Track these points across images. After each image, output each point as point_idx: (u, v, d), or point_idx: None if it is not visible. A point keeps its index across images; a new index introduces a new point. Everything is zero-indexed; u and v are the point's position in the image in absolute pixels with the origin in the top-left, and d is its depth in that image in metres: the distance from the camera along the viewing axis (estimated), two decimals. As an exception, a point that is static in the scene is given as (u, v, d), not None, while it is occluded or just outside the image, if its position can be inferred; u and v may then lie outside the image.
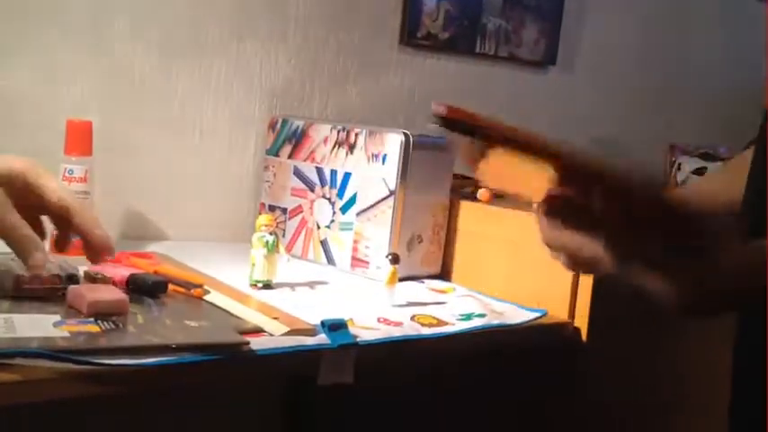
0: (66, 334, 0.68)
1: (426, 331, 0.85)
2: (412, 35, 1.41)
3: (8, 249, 0.88)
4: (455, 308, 0.96)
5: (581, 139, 1.57)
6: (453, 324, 0.89)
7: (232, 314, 0.82)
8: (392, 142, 1.06)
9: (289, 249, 1.13)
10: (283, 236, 1.17)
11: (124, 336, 0.70)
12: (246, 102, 1.26)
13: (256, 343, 0.73)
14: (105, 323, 0.72)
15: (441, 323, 0.89)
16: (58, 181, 0.69)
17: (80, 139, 0.96)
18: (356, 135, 1.10)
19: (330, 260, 1.13)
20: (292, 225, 1.18)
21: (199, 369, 0.68)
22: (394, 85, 1.41)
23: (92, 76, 1.12)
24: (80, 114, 0.99)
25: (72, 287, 0.78)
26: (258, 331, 0.77)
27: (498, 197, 1.18)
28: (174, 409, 1.16)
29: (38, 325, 0.70)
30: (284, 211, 1.19)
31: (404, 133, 1.06)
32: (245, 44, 1.24)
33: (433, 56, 1.45)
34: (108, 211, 1.10)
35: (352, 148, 1.10)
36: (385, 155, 1.07)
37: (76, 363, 0.62)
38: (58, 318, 0.72)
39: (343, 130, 1.12)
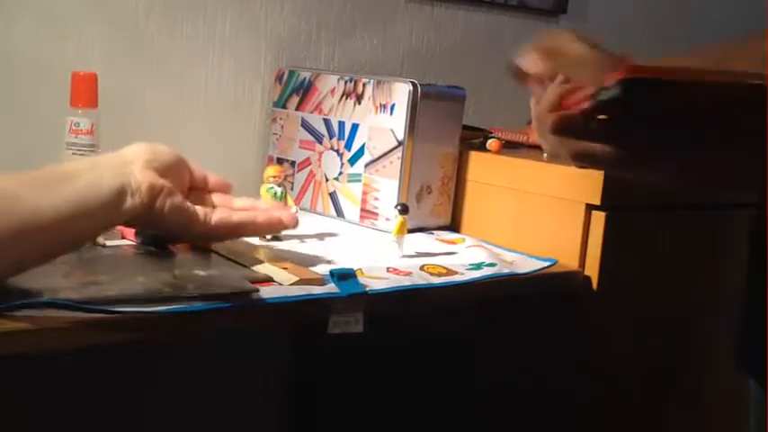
0: (76, 284, 0.68)
1: (436, 280, 0.85)
2: (419, -16, 1.39)
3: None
4: (465, 258, 0.96)
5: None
6: (463, 274, 0.89)
7: (241, 264, 0.82)
8: (400, 92, 1.05)
9: (297, 202, 1.13)
10: (292, 189, 1.17)
11: (134, 285, 0.70)
12: (252, 53, 1.24)
13: (266, 292, 0.73)
14: (115, 273, 0.73)
15: (450, 273, 0.88)
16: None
17: (86, 91, 0.95)
18: (363, 86, 1.09)
19: (339, 212, 1.12)
20: (301, 178, 1.17)
21: (208, 317, 0.68)
22: (402, 35, 1.39)
23: (94, 30, 1.11)
24: (82, 68, 0.98)
25: None
26: (267, 281, 0.77)
27: (507, 146, 1.17)
28: (184, 359, 1.17)
29: (47, 276, 0.70)
30: (292, 163, 1.18)
31: (411, 83, 1.05)
32: (250, -5, 1.22)
33: (441, 5, 1.43)
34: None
35: (359, 98, 1.09)
36: (393, 105, 1.06)
37: (86, 311, 0.62)
38: (67, 268, 0.72)
39: (351, 80, 1.10)
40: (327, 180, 1.14)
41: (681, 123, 0.52)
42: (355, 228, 1.09)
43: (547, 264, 0.96)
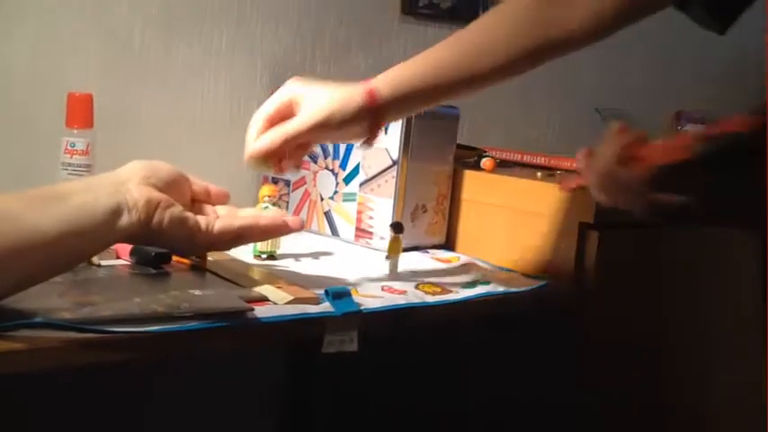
0: (70, 304, 0.68)
1: (430, 299, 0.85)
2: (414, 4, 1.40)
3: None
4: (459, 276, 0.96)
5: (586, 109, 1.56)
6: (457, 292, 0.89)
7: (236, 283, 0.82)
8: (395, 111, 1.06)
9: (292, 220, 1.13)
10: (287, 208, 1.17)
11: (128, 305, 0.70)
12: (248, 72, 1.25)
13: (260, 311, 0.73)
14: (109, 293, 0.73)
15: (445, 291, 0.89)
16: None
17: (81, 112, 0.96)
18: (358, 105, 1.09)
19: (334, 231, 1.13)
20: (296, 197, 1.17)
21: (203, 336, 0.68)
22: (396, 54, 1.40)
23: (91, 48, 1.11)
24: (79, 86, 0.99)
25: None
26: (262, 300, 0.77)
27: (501, 165, 1.18)
28: (179, 378, 1.17)
29: (41, 295, 0.70)
30: (287, 183, 1.18)
31: (406, 102, 1.06)
32: (247, 14, 1.23)
33: (435, 25, 1.44)
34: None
35: (354, 117, 1.10)
36: (387, 124, 1.06)
37: (80, 331, 0.62)
38: (62, 288, 0.72)
39: (346, 99, 1.11)
40: (322, 199, 1.14)
41: None
42: (350, 246, 1.09)
43: (541, 282, 0.96)
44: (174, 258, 0.86)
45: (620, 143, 0.56)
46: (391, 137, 1.06)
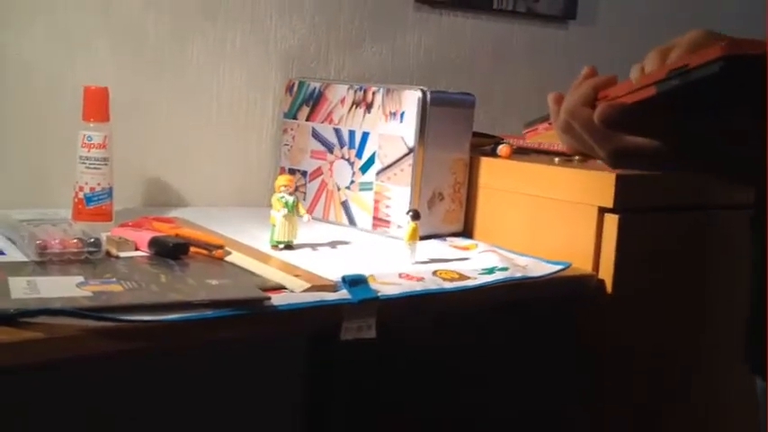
0: (89, 294, 0.69)
1: (448, 285, 0.85)
2: (428, -7, 1.39)
3: (30, 216, 0.89)
4: (477, 263, 0.96)
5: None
6: (476, 278, 0.88)
7: (253, 273, 0.82)
8: (410, 99, 1.05)
9: (310, 212, 1.13)
10: (304, 199, 1.17)
11: (147, 294, 0.71)
12: (263, 65, 1.25)
13: (277, 299, 0.73)
14: (128, 283, 0.73)
15: (463, 277, 0.88)
16: None
17: (98, 105, 0.96)
18: (373, 94, 1.09)
19: (351, 221, 1.12)
20: (313, 187, 1.17)
21: (220, 325, 0.68)
22: (411, 44, 1.39)
23: (106, 43, 1.12)
24: (94, 81, 0.99)
25: None
26: (279, 288, 0.77)
27: (518, 152, 1.17)
28: (196, 367, 1.17)
29: (61, 286, 0.71)
30: (304, 174, 1.18)
31: (421, 90, 1.05)
32: (260, 7, 1.23)
33: (449, 13, 1.43)
34: (127, 179, 1.11)
35: (369, 107, 1.09)
36: (403, 112, 1.06)
37: (99, 319, 0.62)
38: (81, 279, 0.73)
39: (360, 89, 1.11)
40: (339, 189, 1.14)
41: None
42: (368, 235, 1.09)
43: (560, 267, 0.95)
44: (192, 249, 0.86)
45: (587, 85, 0.53)
46: (407, 125, 1.05)
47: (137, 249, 0.86)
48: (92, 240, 0.81)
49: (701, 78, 0.44)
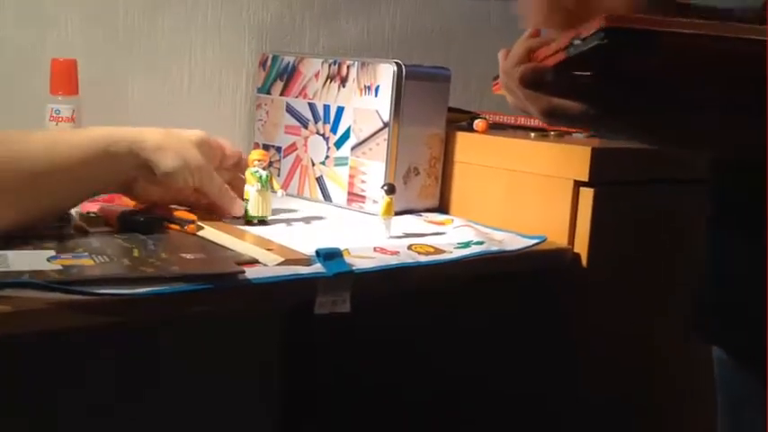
0: (59, 267, 0.67)
1: (423, 259, 0.85)
2: (403, -33, 1.38)
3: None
4: (453, 237, 0.95)
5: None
6: (451, 252, 0.88)
7: (227, 248, 0.81)
8: (384, 73, 1.04)
9: (285, 187, 1.12)
10: (278, 175, 1.16)
11: (118, 267, 0.69)
12: (235, 38, 1.23)
13: (251, 272, 0.72)
14: (100, 257, 0.72)
15: (438, 251, 0.88)
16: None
17: (65, 78, 0.95)
18: (348, 68, 1.08)
19: (326, 197, 1.12)
20: (287, 163, 1.16)
21: (193, 298, 0.67)
22: (387, 17, 1.38)
23: (75, 18, 1.10)
24: (64, 56, 0.97)
25: None
26: (253, 262, 0.76)
27: (494, 127, 1.17)
28: (170, 342, 1.16)
29: (31, 259, 0.69)
30: (278, 149, 1.17)
31: (396, 63, 1.04)
32: (232, -20, 1.21)
33: (425, -12, 1.42)
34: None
35: (344, 81, 1.08)
36: (378, 86, 1.05)
37: (68, 292, 0.61)
38: (52, 253, 0.72)
39: (335, 63, 1.09)
40: (314, 165, 1.13)
41: (667, 81, 0.49)
42: (343, 211, 1.08)
43: (535, 241, 0.95)
44: (166, 225, 0.85)
45: (522, 45, 0.55)
46: (381, 98, 1.04)
47: (107, 225, 0.85)
48: (62, 216, 0.80)
49: (589, 48, 0.46)
